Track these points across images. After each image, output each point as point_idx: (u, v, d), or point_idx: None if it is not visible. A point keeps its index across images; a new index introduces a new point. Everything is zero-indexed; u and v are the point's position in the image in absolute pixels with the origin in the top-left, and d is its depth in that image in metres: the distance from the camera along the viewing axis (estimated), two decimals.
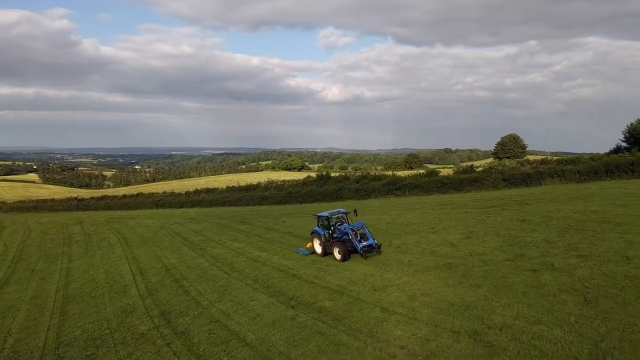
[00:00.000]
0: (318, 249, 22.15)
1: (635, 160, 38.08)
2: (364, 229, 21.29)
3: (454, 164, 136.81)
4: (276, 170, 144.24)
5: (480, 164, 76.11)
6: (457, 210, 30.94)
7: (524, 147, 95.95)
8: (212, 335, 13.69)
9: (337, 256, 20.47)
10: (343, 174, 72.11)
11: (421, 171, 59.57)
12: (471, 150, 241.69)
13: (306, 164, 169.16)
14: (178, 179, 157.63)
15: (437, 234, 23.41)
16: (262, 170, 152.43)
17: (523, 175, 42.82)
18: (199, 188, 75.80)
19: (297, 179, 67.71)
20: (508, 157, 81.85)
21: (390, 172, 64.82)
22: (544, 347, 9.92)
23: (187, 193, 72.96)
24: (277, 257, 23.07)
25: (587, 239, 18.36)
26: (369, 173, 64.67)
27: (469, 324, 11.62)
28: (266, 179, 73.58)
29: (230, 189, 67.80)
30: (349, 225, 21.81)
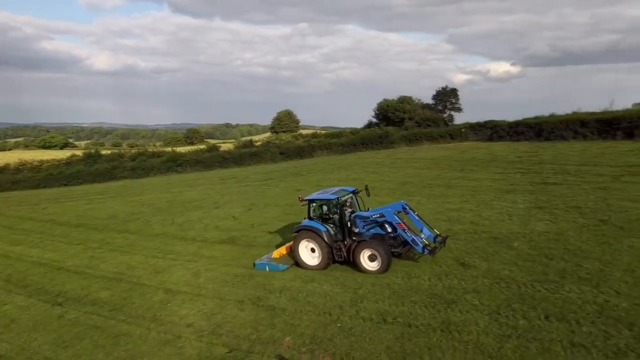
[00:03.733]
0: (309, 258, 13.51)
1: (383, 133, 46.41)
2: (407, 212, 13.24)
3: (234, 138, 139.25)
4: (31, 149, 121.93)
5: (259, 138, 79.76)
6: (239, 184, 31.93)
7: (297, 122, 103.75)
8: None
9: (369, 266, 12.52)
10: (116, 151, 67.03)
11: (202, 146, 59.79)
12: (251, 125, 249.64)
13: (70, 141, 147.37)
14: None
15: (220, 208, 23.71)
16: (10, 150, 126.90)
17: (297, 148, 47.31)
18: None
19: (59, 158, 60.28)
20: (284, 132, 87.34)
21: (170, 148, 62.63)
22: (317, 301, 11.17)
23: None
24: (37, 249, 19.79)
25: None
26: (146, 150, 61.82)
27: (252, 292, 12.20)
28: (17, 160, 62.60)
29: None
30: (375, 209, 13.52)
